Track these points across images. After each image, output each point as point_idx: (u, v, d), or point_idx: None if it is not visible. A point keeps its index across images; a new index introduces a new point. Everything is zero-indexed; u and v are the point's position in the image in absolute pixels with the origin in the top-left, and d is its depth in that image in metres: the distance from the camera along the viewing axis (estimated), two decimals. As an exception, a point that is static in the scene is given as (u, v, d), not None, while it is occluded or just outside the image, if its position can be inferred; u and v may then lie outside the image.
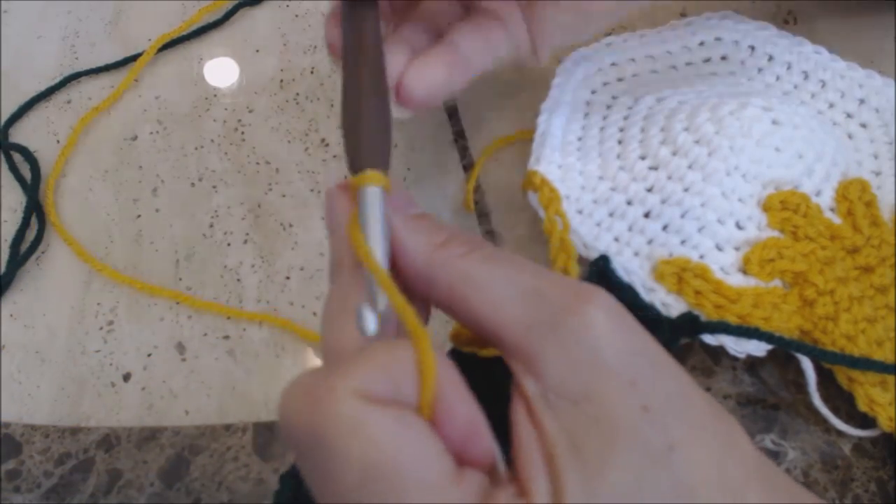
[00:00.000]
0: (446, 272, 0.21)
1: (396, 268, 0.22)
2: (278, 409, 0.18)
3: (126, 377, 0.36)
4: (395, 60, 0.30)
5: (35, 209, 0.40)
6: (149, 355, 0.36)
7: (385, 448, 0.17)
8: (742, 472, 0.19)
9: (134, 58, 0.46)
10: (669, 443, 0.18)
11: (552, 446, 0.18)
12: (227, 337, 0.36)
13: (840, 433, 0.31)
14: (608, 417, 0.18)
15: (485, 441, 0.19)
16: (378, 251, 0.21)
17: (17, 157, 0.42)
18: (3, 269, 0.39)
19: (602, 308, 0.19)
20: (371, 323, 0.20)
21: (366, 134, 0.24)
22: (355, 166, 0.23)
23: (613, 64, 0.41)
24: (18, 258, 0.39)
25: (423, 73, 0.30)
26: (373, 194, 0.22)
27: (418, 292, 0.22)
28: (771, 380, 0.33)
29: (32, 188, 0.41)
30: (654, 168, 0.35)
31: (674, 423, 0.18)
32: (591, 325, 0.19)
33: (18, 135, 0.44)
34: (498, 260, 0.21)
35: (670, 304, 0.33)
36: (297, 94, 0.44)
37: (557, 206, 0.34)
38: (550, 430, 0.18)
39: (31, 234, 0.40)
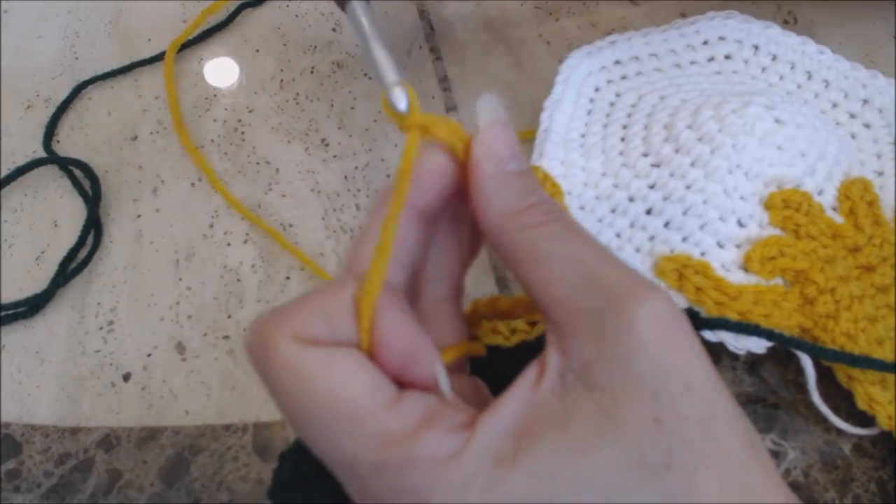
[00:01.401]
0: (515, 238, 0.21)
1: (474, 216, 0.22)
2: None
3: (126, 377, 0.36)
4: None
5: (94, 227, 0.40)
6: (149, 355, 0.36)
7: (315, 383, 0.18)
8: None
9: (141, 63, 0.46)
10: (667, 461, 0.18)
11: (540, 415, 0.18)
12: (226, 337, 0.36)
13: (840, 433, 0.31)
14: (615, 413, 0.18)
15: (422, 365, 0.20)
16: (382, 57, 0.23)
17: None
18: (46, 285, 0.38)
19: (653, 312, 0.19)
20: (402, 100, 0.22)
21: None
22: None
23: (617, 62, 0.41)
24: (65, 275, 0.38)
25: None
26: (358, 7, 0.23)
27: (489, 242, 0.22)
28: (771, 379, 0.33)
29: (94, 204, 0.40)
30: (656, 165, 0.35)
31: (680, 446, 0.18)
32: (635, 329, 0.19)
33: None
34: (567, 237, 0.21)
35: (671, 301, 0.32)
36: (297, 94, 0.44)
37: (560, 201, 0.34)
38: (547, 402, 0.19)
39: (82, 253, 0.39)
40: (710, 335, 0.31)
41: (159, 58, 0.46)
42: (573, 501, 0.17)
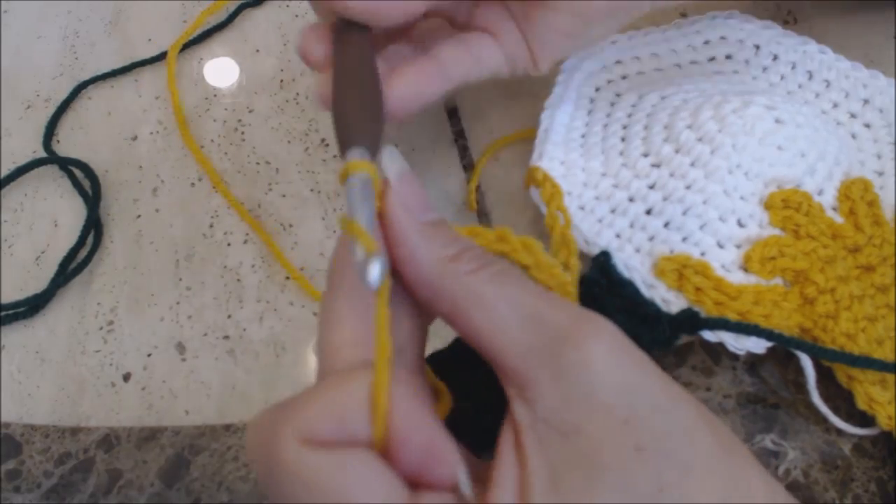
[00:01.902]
0: (452, 287, 0.21)
1: (401, 272, 0.22)
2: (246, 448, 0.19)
3: (126, 377, 0.36)
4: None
5: (94, 227, 0.40)
6: (149, 355, 0.36)
7: (325, 491, 0.17)
8: None
9: (142, 63, 0.46)
10: (660, 485, 0.18)
11: (530, 479, 0.18)
12: (227, 337, 0.36)
13: (840, 433, 0.31)
14: (597, 455, 0.18)
15: (444, 465, 0.19)
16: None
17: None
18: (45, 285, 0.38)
19: (603, 342, 0.19)
20: (375, 273, 0.19)
21: (354, 114, 0.24)
22: (343, 144, 0.23)
23: (618, 61, 0.41)
24: (65, 275, 0.38)
25: (394, 82, 0.30)
26: (358, 182, 0.21)
27: (421, 299, 0.22)
28: (771, 379, 0.33)
29: (94, 204, 0.40)
30: (656, 165, 0.35)
31: (667, 465, 0.18)
32: (590, 360, 0.19)
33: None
34: (504, 280, 0.21)
35: (671, 301, 0.33)
36: (297, 94, 0.44)
37: (559, 201, 0.34)
38: (532, 462, 0.18)
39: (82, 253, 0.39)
40: (709, 335, 0.31)
41: (160, 58, 0.46)
42: None
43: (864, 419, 0.31)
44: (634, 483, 0.18)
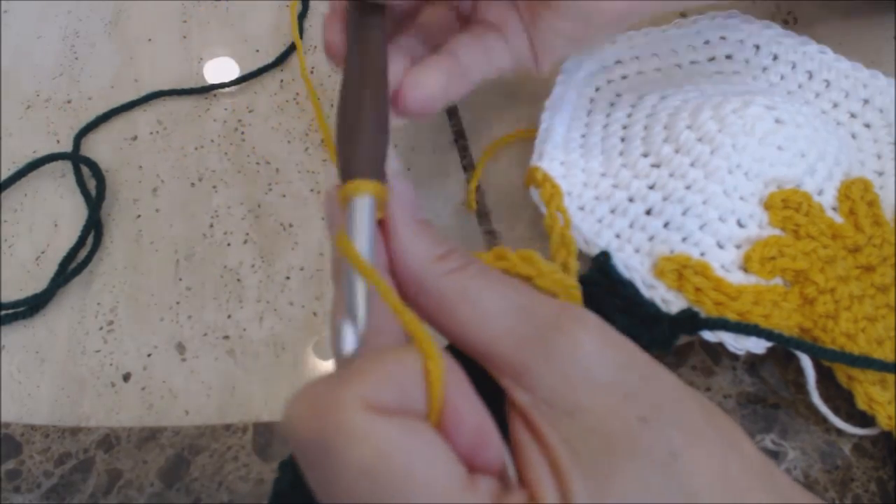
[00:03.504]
0: (440, 283, 0.21)
1: (394, 264, 0.22)
2: (283, 418, 0.18)
3: (126, 377, 0.36)
4: (393, 69, 0.29)
5: (94, 227, 0.40)
6: (149, 355, 0.36)
7: (393, 458, 0.17)
8: (745, 474, 0.19)
9: (216, 86, 0.45)
10: (671, 450, 0.18)
11: (554, 453, 0.18)
12: (227, 337, 0.36)
13: (840, 433, 0.31)
14: (605, 428, 0.18)
15: (494, 447, 0.19)
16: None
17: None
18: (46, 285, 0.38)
19: (588, 327, 0.20)
20: (349, 342, 0.19)
21: (361, 144, 0.23)
22: (346, 175, 0.23)
23: (618, 61, 0.41)
24: (65, 275, 0.38)
25: (420, 82, 0.29)
26: (361, 205, 0.21)
27: (409, 298, 0.22)
28: (771, 379, 0.33)
29: (96, 205, 0.40)
30: (656, 165, 0.35)
31: (673, 432, 0.18)
32: (579, 343, 0.19)
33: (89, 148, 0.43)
34: (489, 276, 0.21)
35: (670, 301, 0.33)
36: (297, 94, 0.44)
37: (559, 201, 0.34)
38: (550, 438, 0.19)
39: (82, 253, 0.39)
40: (709, 335, 0.31)
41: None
42: None
43: (864, 419, 0.31)
44: (649, 451, 0.18)
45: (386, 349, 0.19)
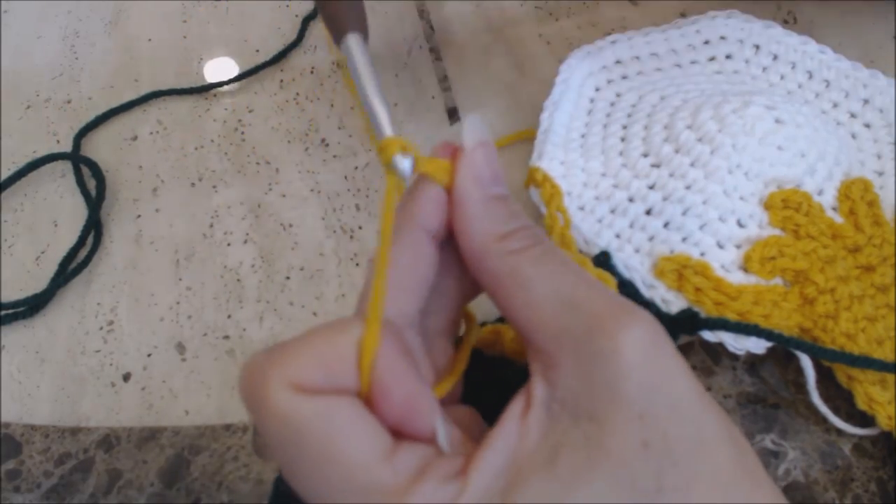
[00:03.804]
0: (496, 263, 0.21)
1: (457, 240, 0.22)
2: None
3: (126, 377, 0.36)
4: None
5: (94, 227, 0.40)
6: (149, 355, 0.36)
7: (311, 434, 0.18)
8: None
9: (215, 85, 0.45)
10: (659, 485, 0.18)
11: (527, 450, 0.18)
12: (227, 337, 0.36)
13: (840, 433, 0.31)
14: (603, 442, 0.18)
15: (424, 415, 0.19)
16: (374, 97, 0.23)
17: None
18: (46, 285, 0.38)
19: (638, 338, 0.19)
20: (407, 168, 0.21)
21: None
22: (339, 31, 0.26)
23: (618, 61, 0.41)
24: (65, 275, 0.38)
25: None
26: (354, 42, 0.23)
27: (470, 269, 0.22)
28: (771, 379, 0.33)
29: (96, 205, 0.40)
30: (656, 165, 0.35)
31: (671, 468, 0.18)
32: (621, 354, 0.18)
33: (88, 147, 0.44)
34: (547, 262, 0.21)
35: (670, 301, 0.33)
36: (297, 94, 0.44)
37: (559, 202, 0.34)
38: (533, 435, 0.19)
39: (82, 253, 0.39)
40: (709, 335, 0.31)
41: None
42: None
43: (864, 419, 0.31)
44: (633, 476, 0.18)
45: (319, 329, 0.19)
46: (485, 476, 0.18)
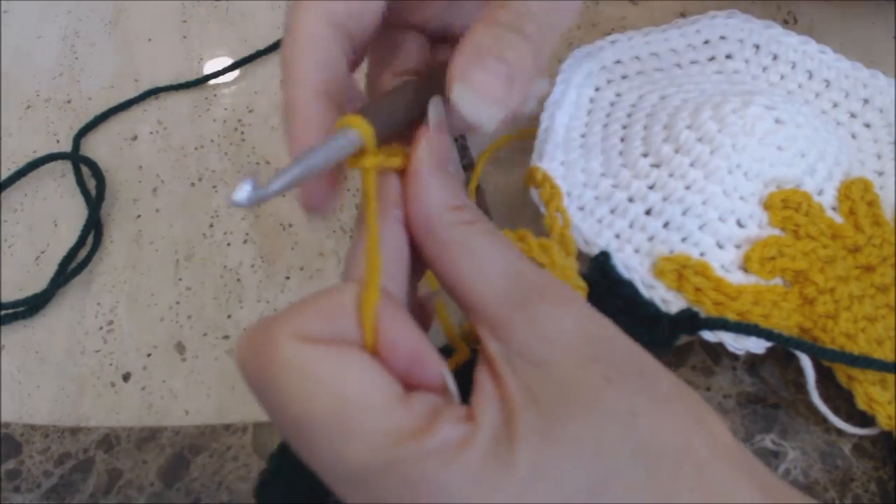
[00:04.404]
0: (449, 231, 0.22)
1: (408, 209, 0.23)
2: (235, 360, 0.20)
3: (126, 377, 0.36)
4: None
5: (94, 227, 0.40)
6: (149, 355, 0.36)
7: (323, 379, 0.18)
8: (710, 451, 0.19)
9: (209, 77, 0.45)
10: (633, 410, 0.19)
11: (511, 393, 0.19)
12: (226, 337, 0.36)
13: (840, 433, 0.31)
14: (569, 380, 0.19)
15: (430, 366, 0.20)
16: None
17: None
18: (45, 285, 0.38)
19: (575, 305, 0.21)
20: (243, 192, 0.20)
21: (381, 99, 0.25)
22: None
23: (618, 61, 0.41)
24: (65, 275, 0.38)
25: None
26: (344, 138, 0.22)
27: (416, 239, 0.23)
28: (771, 379, 0.33)
29: (96, 205, 0.40)
30: (656, 165, 0.35)
31: (637, 396, 0.19)
32: (561, 314, 0.20)
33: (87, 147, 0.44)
34: (496, 237, 0.22)
35: (670, 301, 0.33)
36: (298, 93, 0.44)
37: (558, 202, 0.34)
38: (510, 383, 0.19)
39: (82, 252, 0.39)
40: (709, 335, 0.31)
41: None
42: (573, 467, 0.18)
43: (865, 419, 0.31)
44: (609, 404, 0.19)
45: (321, 290, 0.20)
46: (490, 418, 0.19)
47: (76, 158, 0.42)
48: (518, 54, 0.23)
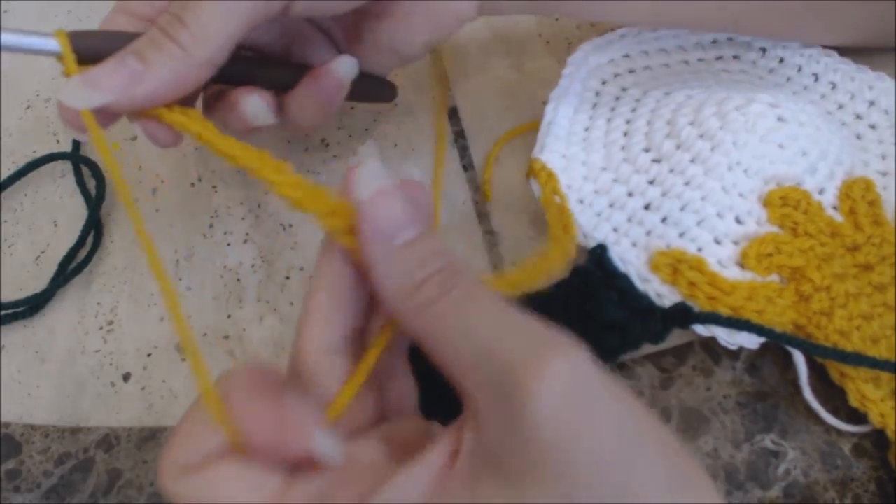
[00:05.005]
0: (411, 320, 0.21)
1: (374, 288, 0.22)
2: None
3: (126, 377, 0.36)
4: None
5: (94, 227, 0.40)
6: (149, 355, 0.36)
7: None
8: None
9: None
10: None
11: (447, 496, 0.19)
12: (227, 337, 0.36)
13: (840, 433, 0.31)
14: (523, 497, 0.18)
15: (300, 438, 0.20)
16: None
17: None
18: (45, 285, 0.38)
19: (553, 385, 0.18)
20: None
21: None
22: None
23: (626, 56, 0.41)
24: (65, 275, 0.38)
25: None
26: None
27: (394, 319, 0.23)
28: (771, 379, 0.33)
29: (96, 205, 0.40)
30: (656, 161, 0.35)
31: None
32: (534, 405, 0.18)
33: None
34: (463, 309, 0.20)
35: (664, 295, 0.33)
36: (297, 93, 0.44)
37: (555, 184, 0.35)
38: (456, 485, 0.19)
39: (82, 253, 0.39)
40: (701, 329, 0.31)
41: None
42: None
43: (862, 417, 0.31)
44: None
45: (187, 414, 0.21)
46: (395, 495, 0.19)
47: (76, 158, 0.42)
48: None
